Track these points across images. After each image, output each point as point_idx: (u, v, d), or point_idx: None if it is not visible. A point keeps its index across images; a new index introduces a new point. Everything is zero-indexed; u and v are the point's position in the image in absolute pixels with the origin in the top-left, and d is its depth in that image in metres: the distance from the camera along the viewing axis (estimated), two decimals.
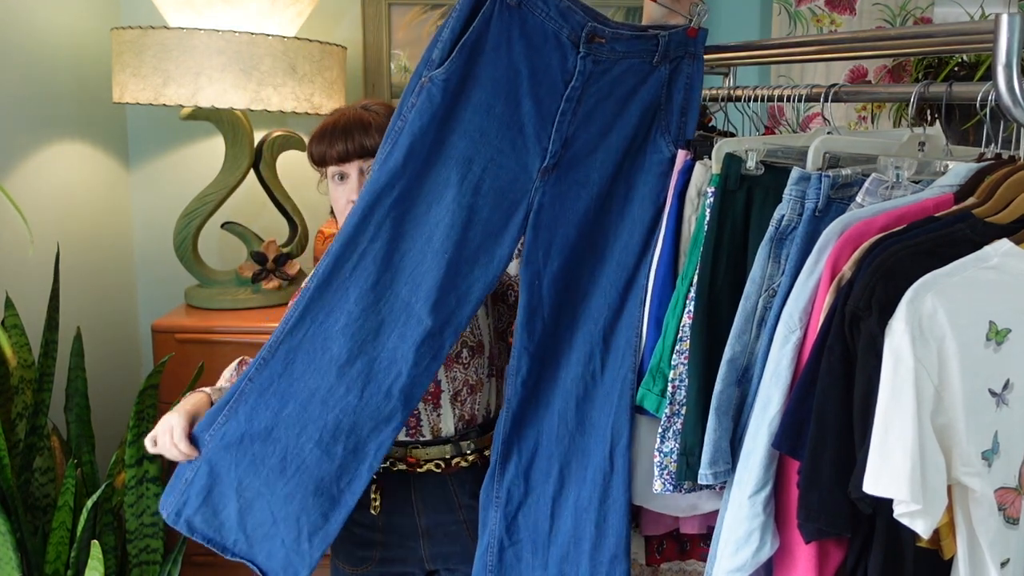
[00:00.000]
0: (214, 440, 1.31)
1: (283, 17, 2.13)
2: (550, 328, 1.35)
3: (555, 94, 1.30)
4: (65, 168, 2.21)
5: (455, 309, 1.31)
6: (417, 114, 1.27)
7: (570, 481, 1.36)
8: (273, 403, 1.30)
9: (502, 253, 1.31)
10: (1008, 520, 0.92)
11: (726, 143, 1.25)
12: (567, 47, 1.29)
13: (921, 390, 0.87)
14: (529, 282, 1.32)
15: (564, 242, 1.33)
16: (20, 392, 1.73)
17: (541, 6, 1.28)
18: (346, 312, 1.29)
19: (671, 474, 1.25)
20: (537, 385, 1.36)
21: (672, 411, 1.26)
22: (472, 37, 1.26)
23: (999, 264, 0.92)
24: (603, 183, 1.33)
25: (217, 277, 2.30)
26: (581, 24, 1.28)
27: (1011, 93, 0.91)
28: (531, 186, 1.31)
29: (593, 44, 1.28)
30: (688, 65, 1.36)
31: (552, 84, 1.29)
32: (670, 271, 1.34)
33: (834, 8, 2.36)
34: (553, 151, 1.30)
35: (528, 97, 1.29)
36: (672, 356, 1.26)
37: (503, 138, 1.29)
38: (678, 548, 1.56)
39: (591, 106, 1.31)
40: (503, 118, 1.29)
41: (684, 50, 1.35)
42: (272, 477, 1.30)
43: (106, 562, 1.69)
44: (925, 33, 1.09)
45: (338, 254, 1.29)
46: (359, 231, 1.29)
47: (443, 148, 1.29)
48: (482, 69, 1.28)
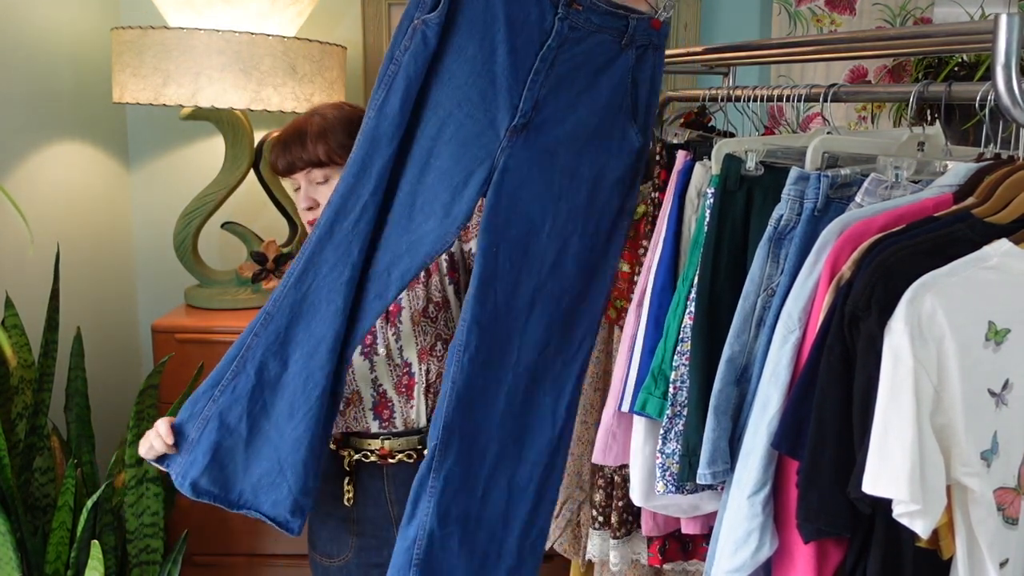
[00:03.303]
0: (224, 394, 1.29)
1: (283, 17, 2.13)
2: (503, 303, 1.29)
3: (531, 50, 1.26)
4: (65, 168, 2.21)
5: (403, 254, 1.28)
6: (412, 58, 1.23)
7: (505, 461, 1.32)
8: (281, 354, 1.28)
9: (459, 210, 1.26)
10: (1007, 520, 0.92)
11: (726, 143, 1.25)
12: (546, 5, 1.25)
13: (920, 390, 0.87)
14: (485, 249, 1.27)
15: (526, 212, 1.29)
16: (20, 392, 1.73)
17: None
18: (351, 265, 1.26)
19: (673, 475, 1.25)
20: (486, 364, 1.29)
21: (674, 412, 1.26)
22: None
23: (998, 264, 0.92)
24: (570, 159, 1.30)
25: (217, 277, 2.30)
26: None
27: (1010, 93, 0.91)
28: (497, 145, 1.26)
29: (572, 9, 1.25)
30: (652, 56, 1.34)
31: (529, 38, 1.26)
32: (670, 272, 1.34)
33: (834, 8, 2.36)
34: (524, 110, 1.26)
35: (503, 45, 1.25)
36: (674, 358, 1.26)
37: (472, 85, 1.25)
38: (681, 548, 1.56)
39: (563, 72, 1.28)
40: (475, 63, 1.25)
41: (649, 40, 1.33)
42: (281, 423, 1.28)
43: (106, 562, 1.69)
44: (925, 33, 1.09)
45: (339, 206, 1.26)
46: (359, 180, 1.25)
47: (424, 99, 1.26)
48: (464, 16, 1.24)
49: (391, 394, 1.42)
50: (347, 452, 1.45)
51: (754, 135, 1.55)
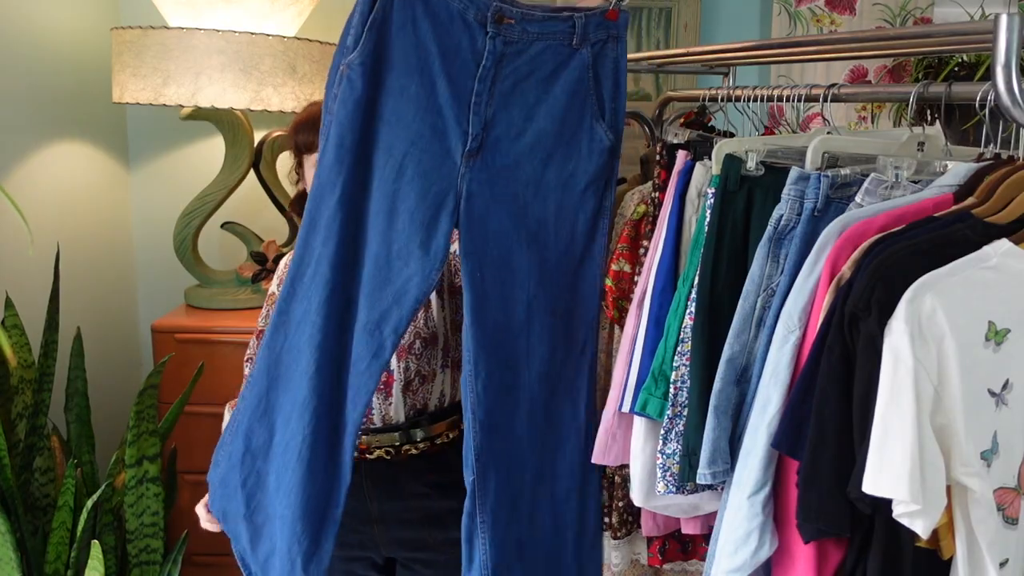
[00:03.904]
0: (222, 462, 1.31)
1: (283, 17, 2.13)
2: (501, 322, 1.29)
3: (468, 75, 1.26)
4: (65, 168, 2.21)
5: (391, 306, 1.26)
6: (341, 104, 1.24)
7: (543, 478, 1.34)
8: (265, 420, 1.29)
9: (436, 245, 1.25)
10: (1007, 520, 0.92)
11: (726, 144, 1.25)
12: (475, 27, 1.25)
13: (920, 390, 0.87)
14: (470, 274, 1.27)
15: (499, 230, 1.29)
16: (20, 392, 1.73)
17: None
18: (311, 323, 1.25)
19: (674, 476, 1.25)
20: (500, 387, 1.30)
21: (674, 412, 1.26)
22: (378, 17, 1.22)
23: (998, 264, 0.91)
24: (533, 170, 1.30)
25: (217, 277, 2.30)
26: (487, 4, 1.25)
27: (1010, 93, 0.91)
28: (456, 173, 1.26)
29: (502, 25, 1.25)
30: (612, 49, 1.32)
31: (464, 64, 1.26)
32: (671, 273, 1.34)
33: (834, 8, 2.36)
34: (474, 133, 1.26)
35: (442, 77, 1.25)
36: (674, 358, 1.26)
37: (422, 121, 1.26)
38: (681, 549, 1.56)
39: (508, 87, 1.28)
40: (419, 100, 1.25)
41: (606, 33, 1.31)
42: (273, 499, 1.28)
43: (106, 562, 1.69)
44: (925, 33, 1.09)
45: (297, 262, 1.27)
46: (310, 233, 1.26)
47: (369, 137, 1.26)
48: (392, 50, 1.24)
49: None
50: None
51: (754, 135, 1.55)
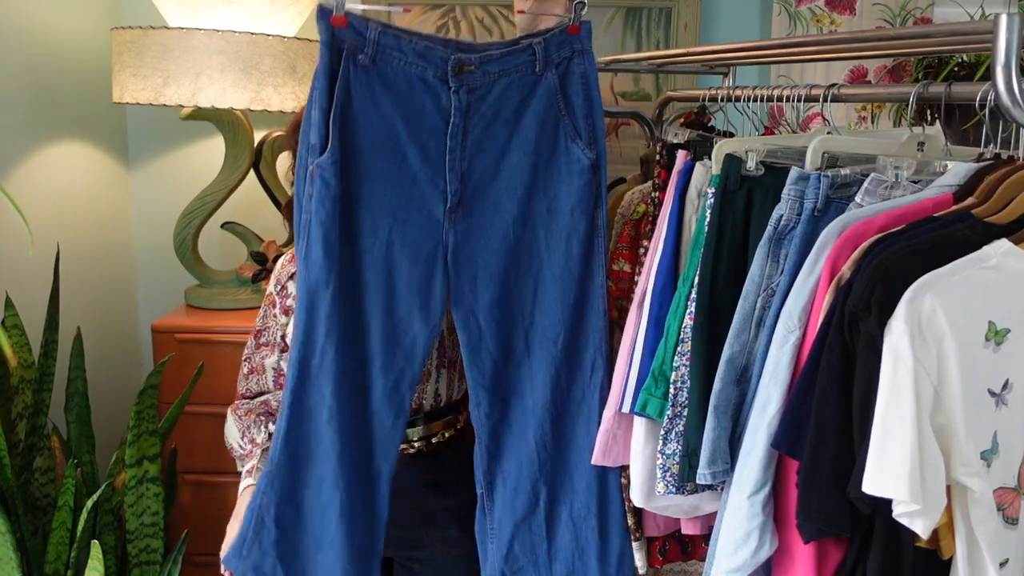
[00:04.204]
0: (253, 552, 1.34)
1: (283, 17, 2.13)
2: (500, 360, 1.35)
3: (438, 134, 1.27)
4: (65, 168, 2.21)
5: (404, 366, 1.32)
6: (319, 203, 1.24)
7: (560, 497, 1.38)
8: (293, 500, 1.33)
9: (435, 303, 1.31)
10: (1007, 520, 0.92)
11: (726, 143, 1.25)
12: (437, 86, 1.25)
13: (920, 390, 0.87)
14: (464, 321, 1.32)
15: (489, 272, 1.32)
16: (20, 392, 1.73)
17: (397, 55, 1.24)
18: (328, 407, 1.29)
19: (674, 476, 1.25)
20: (503, 416, 1.37)
21: (674, 413, 1.26)
22: (337, 110, 1.23)
23: (998, 264, 0.92)
24: (516, 204, 1.32)
25: (217, 277, 2.30)
26: (444, 59, 1.25)
27: (1010, 93, 0.91)
28: (441, 230, 1.29)
29: (463, 74, 1.25)
30: (579, 64, 1.32)
31: (432, 127, 1.27)
32: (671, 273, 1.34)
33: (834, 8, 2.36)
34: (453, 189, 1.28)
35: (411, 147, 1.26)
36: (674, 358, 1.26)
37: (399, 194, 1.27)
38: (680, 549, 1.56)
39: (479, 135, 1.29)
40: (392, 175, 1.27)
41: (570, 49, 1.31)
42: (313, 555, 1.33)
43: (106, 562, 1.69)
44: (925, 33, 1.09)
45: (300, 357, 1.29)
46: (311, 327, 1.28)
47: (352, 224, 1.27)
48: (359, 136, 1.25)
49: None
50: None
51: (754, 135, 1.55)
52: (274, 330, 1.52)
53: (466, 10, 2.42)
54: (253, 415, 1.50)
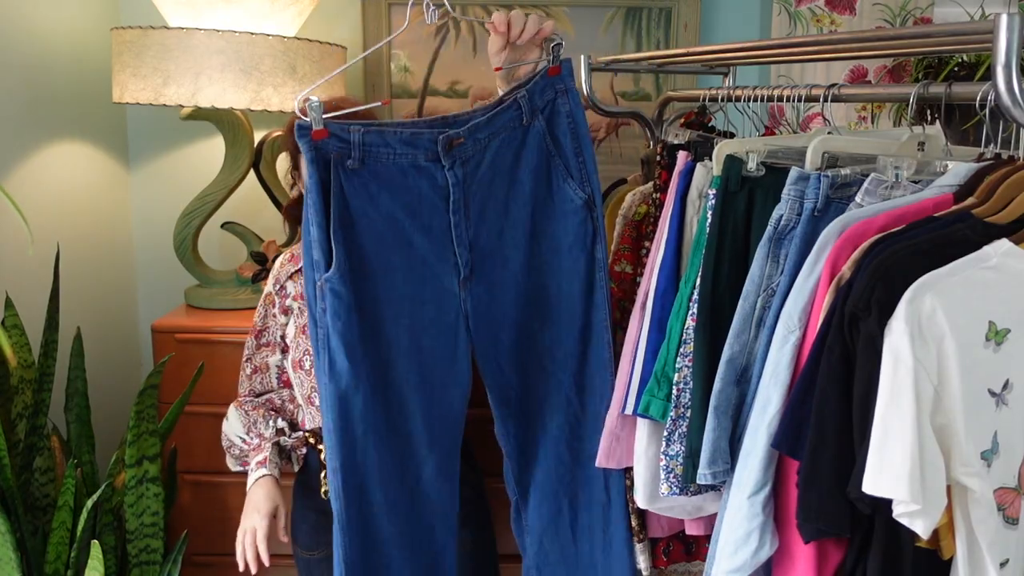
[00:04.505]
0: None
1: (283, 17, 2.13)
2: (520, 392, 1.40)
3: (440, 214, 1.26)
4: (65, 168, 2.21)
5: (444, 433, 1.35)
6: (334, 316, 1.23)
7: (580, 508, 1.45)
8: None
9: (463, 366, 1.33)
10: (1007, 520, 0.92)
11: (726, 144, 1.25)
12: (431, 168, 1.24)
13: (920, 390, 0.87)
14: (488, 367, 1.36)
15: (507, 322, 1.35)
16: (20, 392, 1.73)
17: (384, 151, 1.22)
18: (379, 504, 1.30)
19: (677, 477, 1.25)
20: (526, 437, 1.42)
21: (677, 414, 1.26)
22: (336, 221, 1.21)
23: (999, 264, 0.92)
24: (522, 253, 1.34)
25: (217, 277, 2.30)
26: (432, 140, 1.23)
27: (1011, 93, 0.91)
28: (458, 301, 1.30)
29: (454, 149, 1.24)
30: (564, 104, 1.31)
31: (432, 207, 1.26)
32: (672, 274, 1.34)
33: (834, 8, 2.36)
34: (464, 261, 1.29)
35: (416, 233, 1.25)
36: (677, 359, 1.26)
37: (412, 280, 1.27)
38: (684, 550, 1.56)
39: (480, 202, 1.29)
40: (402, 266, 1.26)
41: (553, 91, 1.30)
42: None
43: (106, 562, 1.69)
44: (925, 33, 1.09)
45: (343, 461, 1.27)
46: (349, 435, 1.27)
47: (374, 324, 1.26)
48: (363, 240, 1.23)
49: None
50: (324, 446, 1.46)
51: (754, 135, 1.55)
52: (274, 330, 1.53)
53: (466, 10, 2.42)
54: (261, 410, 1.50)
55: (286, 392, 1.54)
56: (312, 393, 1.45)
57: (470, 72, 2.45)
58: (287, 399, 1.54)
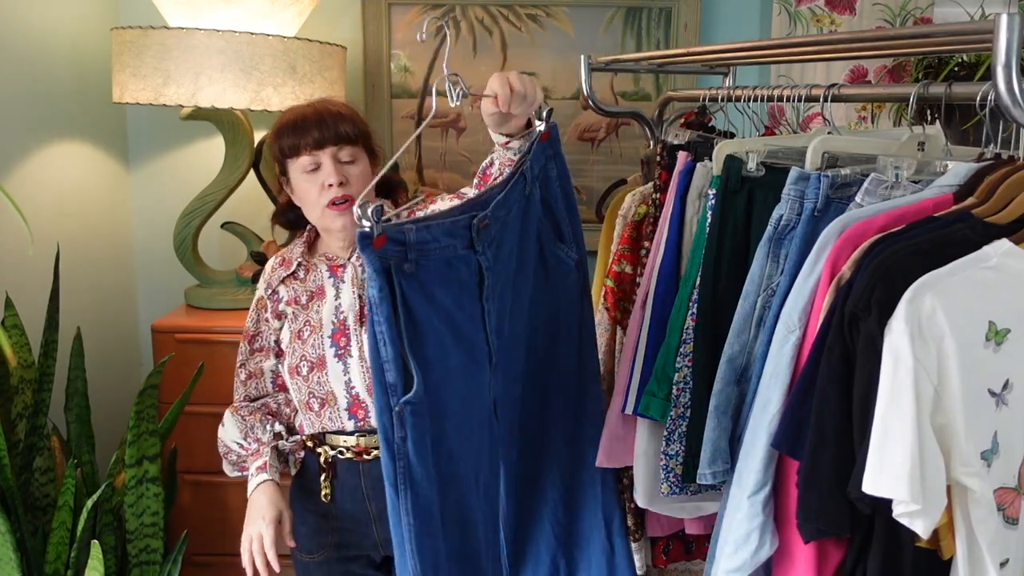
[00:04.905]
0: None
1: (283, 17, 2.13)
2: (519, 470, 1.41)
3: (475, 302, 1.21)
4: (65, 168, 2.21)
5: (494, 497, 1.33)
6: (418, 443, 1.12)
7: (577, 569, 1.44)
8: None
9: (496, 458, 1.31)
10: (1007, 520, 0.92)
11: (726, 144, 1.25)
12: (467, 256, 1.19)
13: (920, 390, 0.87)
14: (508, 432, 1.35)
15: (514, 398, 1.34)
16: (20, 392, 1.73)
17: (433, 246, 1.14)
18: None
19: (677, 477, 1.25)
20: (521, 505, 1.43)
21: (677, 414, 1.26)
22: (409, 336, 1.11)
23: (999, 264, 0.92)
24: (525, 327, 1.33)
25: (217, 277, 2.30)
26: (466, 226, 1.17)
27: (1011, 93, 0.91)
28: (489, 391, 1.26)
29: (483, 230, 1.19)
30: (553, 168, 1.30)
31: (471, 297, 1.20)
32: (672, 274, 1.34)
33: (834, 8, 2.36)
34: (495, 347, 1.24)
35: (466, 326, 1.19)
36: (676, 359, 1.26)
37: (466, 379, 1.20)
38: (684, 549, 1.56)
39: (502, 283, 1.25)
40: (459, 367, 1.19)
41: (544, 157, 1.28)
42: None
43: (106, 562, 1.68)
44: (925, 33, 1.09)
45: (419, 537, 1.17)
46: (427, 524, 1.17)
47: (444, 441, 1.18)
48: (428, 350, 1.14)
49: (363, 396, 1.43)
50: (323, 449, 1.46)
51: (754, 135, 1.55)
52: (267, 335, 1.52)
53: (466, 10, 2.42)
54: (257, 415, 1.50)
55: (281, 396, 1.54)
56: (310, 398, 1.45)
57: (470, 72, 2.45)
58: (283, 403, 1.53)
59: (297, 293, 1.50)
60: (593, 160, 2.51)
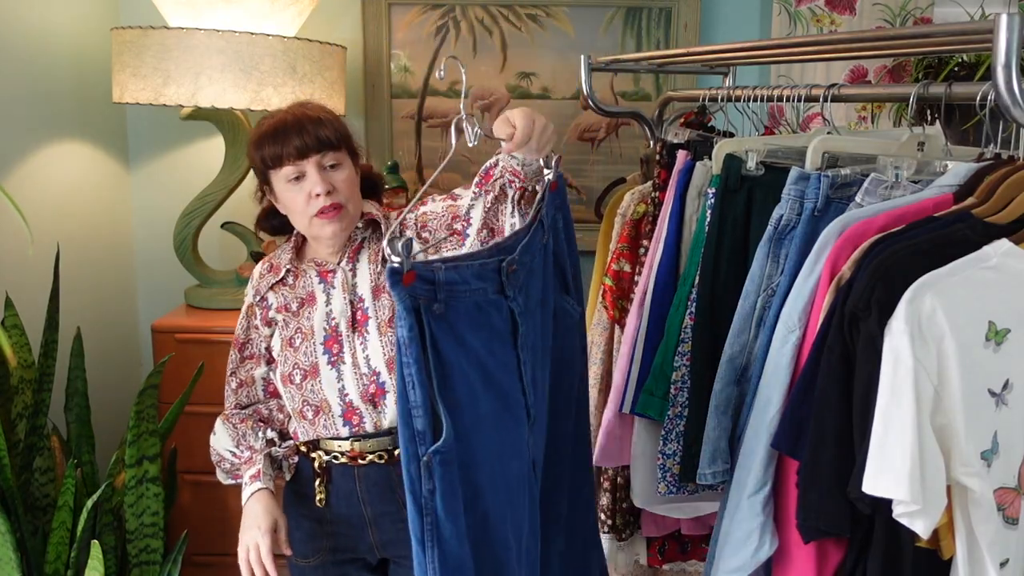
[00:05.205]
0: None
1: (283, 17, 2.13)
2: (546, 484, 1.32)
3: (509, 351, 1.15)
4: (65, 168, 2.21)
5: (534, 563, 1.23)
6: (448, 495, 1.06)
7: None
8: None
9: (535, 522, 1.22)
10: (1007, 520, 0.92)
11: (726, 143, 1.25)
12: (498, 301, 1.13)
13: (920, 390, 0.87)
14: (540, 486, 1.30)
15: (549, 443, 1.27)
16: (20, 392, 1.73)
17: (462, 287, 1.09)
18: None
19: (674, 476, 1.25)
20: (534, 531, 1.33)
21: (675, 413, 1.26)
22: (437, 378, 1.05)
23: (999, 264, 0.91)
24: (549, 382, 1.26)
25: (217, 277, 2.30)
26: (495, 269, 1.12)
27: (1010, 93, 0.91)
28: (528, 450, 1.19)
29: (512, 275, 1.14)
30: (560, 219, 1.27)
31: (504, 345, 1.14)
32: (671, 272, 1.34)
33: (834, 8, 2.36)
34: (531, 402, 1.18)
35: (498, 373, 1.13)
36: (674, 358, 1.26)
37: (501, 431, 1.14)
38: (679, 549, 1.56)
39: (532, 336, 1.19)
40: (491, 416, 1.12)
41: (555, 208, 1.25)
42: None
43: (106, 562, 1.68)
44: (925, 33, 1.09)
45: None
46: None
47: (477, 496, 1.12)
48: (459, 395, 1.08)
49: (357, 403, 1.42)
50: (317, 455, 1.45)
51: (754, 135, 1.55)
52: (258, 342, 1.51)
53: (466, 10, 2.42)
54: (249, 422, 1.49)
55: (273, 402, 1.53)
56: (303, 407, 1.44)
57: (470, 72, 2.45)
58: (275, 408, 1.53)
59: (287, 300, 1.48)
60: (593, 160, 2.51)
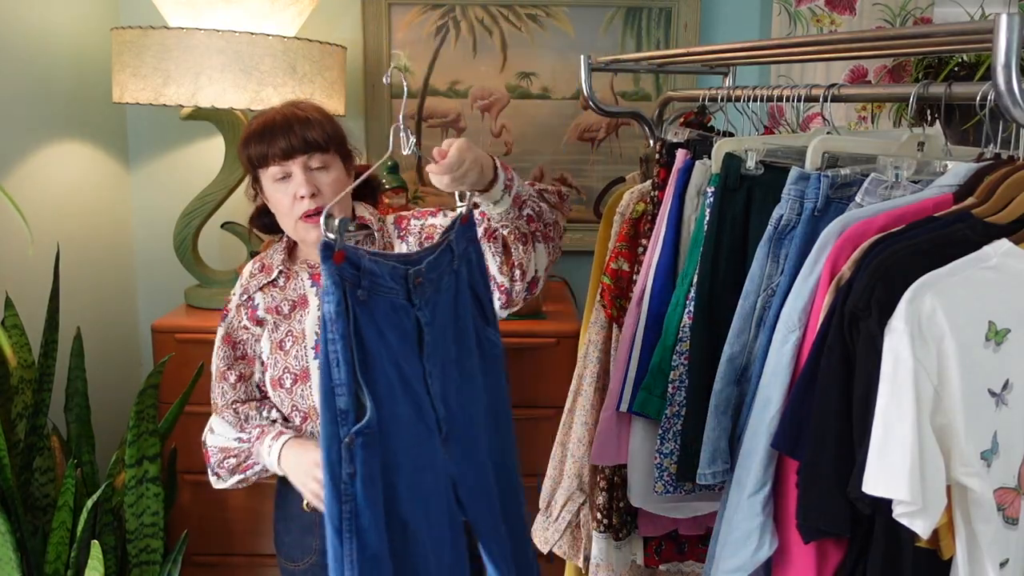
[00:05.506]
0: None
1: (283, 17, 2.13)
2: None
3: (417, 358, 1.15)
4: (65, 168, 2.21)
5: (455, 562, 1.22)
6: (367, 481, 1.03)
7: None
8: None
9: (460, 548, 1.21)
10: (1007, 520, 0.92)
11: (726, 143, 1.25)
12: (407, 307, 1.13)
13: (920, 390, 0.87)
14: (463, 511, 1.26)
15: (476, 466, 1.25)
16: (20, 392, 1.73)
17: (381, 281, 1.09)
18: None
19: (671, 476, 1.25)
20: None
21: (672, 412, 1.26)
22: (360, 362, 1.05)
23: (999, 264, 0.91)
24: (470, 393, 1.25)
25: (217, 277, 2.30)
26: (403, 276, 1.12)
27: (1010, 93, 0.91)
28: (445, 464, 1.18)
29: (418, 286, 1.14)
30: (474, 252, 1.26)
31: (413, 350, 1.14)
32: (669, 271, 1.34)
33: (834, 8, 2.36)
34: (442, 415, 1.18)
35: (413, 379, 1.13)
36: (672, 357, 1.26)
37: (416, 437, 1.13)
38: (676, 549, 1.56)
39: (441, 354, 1.18)
40: (408, 420, 1.12)
41: (466, 240, 1.25)
42: None
43: (106, 562, 1.69)
44: (925, 33, 1.09)
45: None
46: None
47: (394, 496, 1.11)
48: (379, 387, 1.07)
49: None
50: None
51: (754, 135, 1.55)
52: (251, 343, 1.50)
53: (466, 10, 2.42)
54: (251, 404, 1.47)
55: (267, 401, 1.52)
56: (292, 412, 1.44)
57: (470, 72, 2.45)
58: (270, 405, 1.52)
59: (277, 302, 1.46)
60: (593, 160, 2.51)
